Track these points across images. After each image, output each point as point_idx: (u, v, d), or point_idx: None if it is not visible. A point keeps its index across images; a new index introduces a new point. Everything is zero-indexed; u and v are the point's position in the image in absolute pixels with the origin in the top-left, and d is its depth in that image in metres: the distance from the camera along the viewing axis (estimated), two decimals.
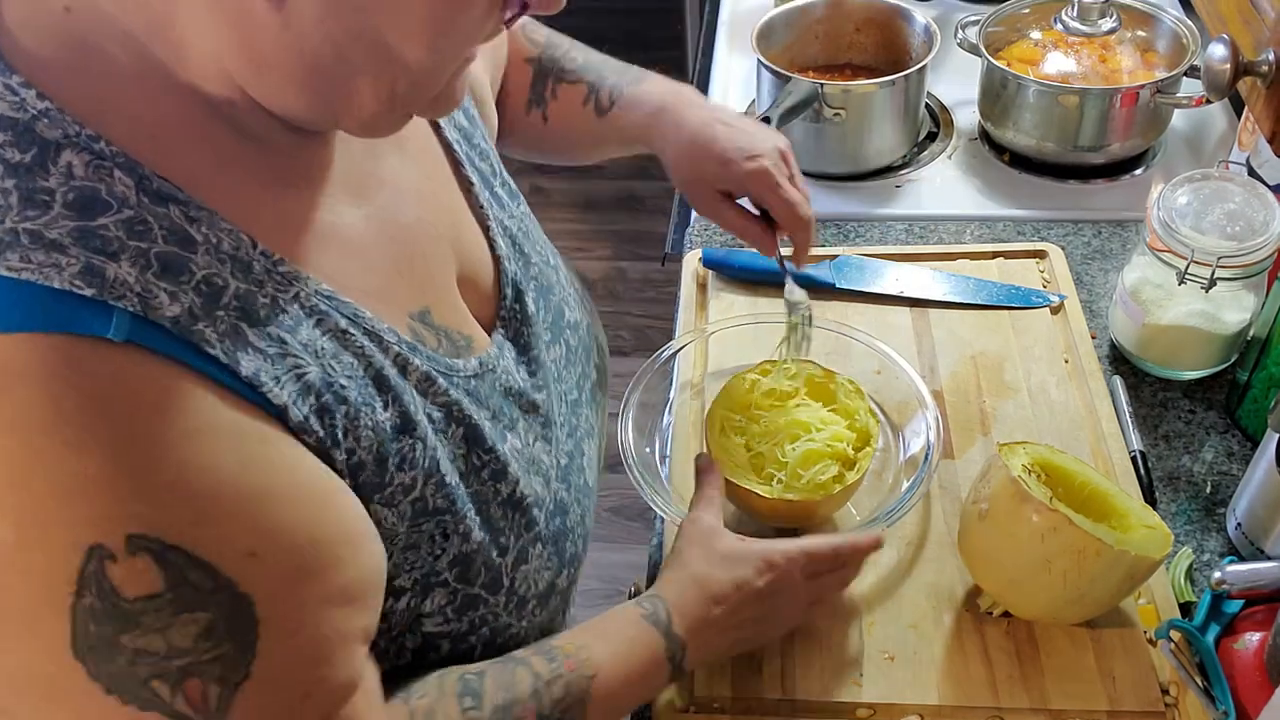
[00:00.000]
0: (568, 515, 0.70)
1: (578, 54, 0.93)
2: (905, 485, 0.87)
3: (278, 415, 0.50)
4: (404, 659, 0.63)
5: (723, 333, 1.03)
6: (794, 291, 0.96)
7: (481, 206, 0.70)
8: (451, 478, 0.60)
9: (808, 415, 0.88)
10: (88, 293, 0.44)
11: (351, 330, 0.55)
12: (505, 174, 0.76)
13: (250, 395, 0.49)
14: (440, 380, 0.60)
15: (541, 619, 0.70)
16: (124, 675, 0.45)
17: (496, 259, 0.70)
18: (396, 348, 0.57)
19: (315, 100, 0.50)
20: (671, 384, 1.01)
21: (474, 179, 0.71)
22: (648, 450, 0.90)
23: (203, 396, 0.47)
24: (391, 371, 0.57)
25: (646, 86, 0.91)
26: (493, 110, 0.83)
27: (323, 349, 0.53)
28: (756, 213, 0.91)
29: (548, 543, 0.68)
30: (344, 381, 0.53)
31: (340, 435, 0.53)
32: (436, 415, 0.59)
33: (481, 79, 0.81)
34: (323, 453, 0.52)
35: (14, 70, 0.47)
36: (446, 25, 0.49)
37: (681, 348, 0.99)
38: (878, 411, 0.93)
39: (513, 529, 0.65)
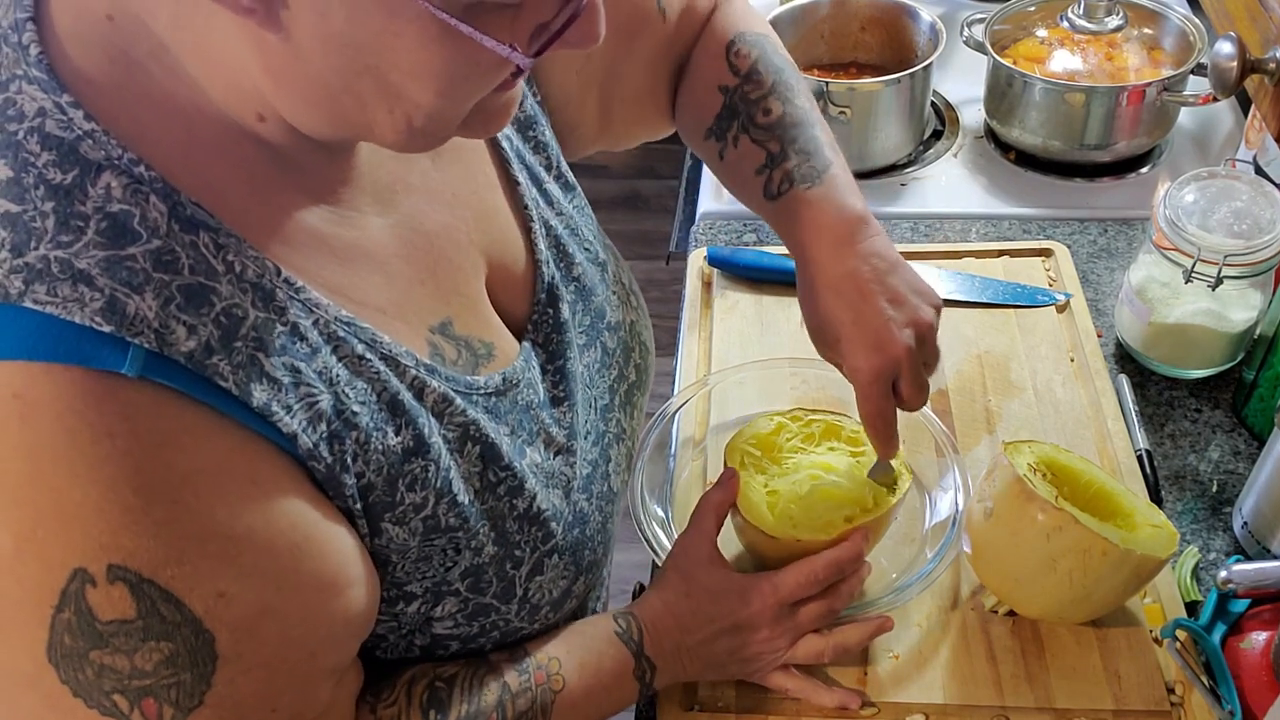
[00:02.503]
0: (586, 525, 0.70)
1: (775, 103, 0.78)
2: (929, 554, 0.82)
3: (286, 444, 0.51)
4: (413, 654, 0.65)
5: (724, 384, 0.99)
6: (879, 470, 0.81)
7: (525, 207, 0.69)
8: (464, 496, 0.60)
9: (836, 460, 0.82)
10: (106, 329, 0.45)
11: (368, 355, 0.55)
12: (563, 166, 0.74)
13: (259, 426, 0.50)
14: (458, 400, 0.60)
15: (555, 621, 0.70)
16: (90, 685, 0.47)
17: (535, 261, 0.69)
18: (414, 370, 0.58)
19: (336, 124, 0.50)
20: (673, 439, 0.96)
21: (520, 178, 0.69)
22: (659, 510, 0.87)
23: (206, 437, 0.48)
24: (406, 396, 0.57)
25: (818, 193, 0.75)
26: (580, 108, 0.77)
27: (337, 376, 0.54)
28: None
29: (564, 554, 0.68)
30: (356, 408, 0.54)
31: (349, 460, 0.54)
32: (452, 436, 0.60)
33: (557, 77, 0.74)
34: (331, 478, 0.53)
35: (65, 89, 0.47)
36: (449, 74, 0.48)
37: (683, 404, 0.95)
38: (910, 466, 0.84)
39: (528, 542, 0.65)
